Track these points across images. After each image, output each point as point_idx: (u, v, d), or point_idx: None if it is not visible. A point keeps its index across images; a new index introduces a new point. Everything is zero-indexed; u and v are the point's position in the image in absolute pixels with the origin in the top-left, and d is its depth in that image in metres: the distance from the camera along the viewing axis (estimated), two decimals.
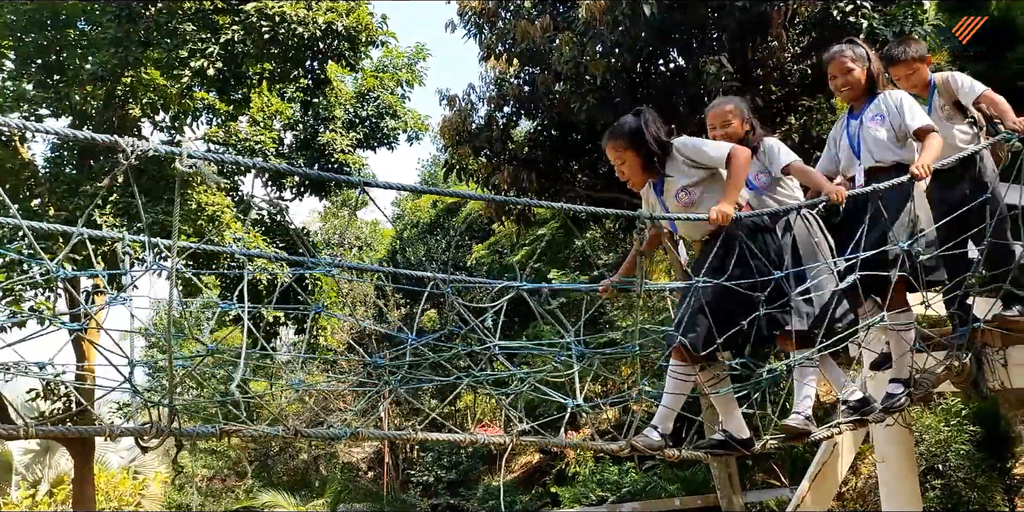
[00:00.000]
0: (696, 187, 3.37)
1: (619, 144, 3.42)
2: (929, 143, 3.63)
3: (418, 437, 2.49)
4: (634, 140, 3.38)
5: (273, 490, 17.65)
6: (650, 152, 3.38)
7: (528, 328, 15.82)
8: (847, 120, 3.92)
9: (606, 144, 3.48)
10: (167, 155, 1.94)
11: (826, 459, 5.20)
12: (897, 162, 3.71)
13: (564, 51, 8.95)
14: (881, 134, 3.74)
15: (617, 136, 3.43)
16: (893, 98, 3.77)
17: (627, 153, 3.40)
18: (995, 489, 8.28)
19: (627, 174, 3.47)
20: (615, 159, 3.47)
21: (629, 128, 3.40)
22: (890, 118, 3.73)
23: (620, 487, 11.92)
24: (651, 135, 3.36)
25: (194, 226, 10.50)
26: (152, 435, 1.98)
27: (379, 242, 24.31)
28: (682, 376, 3.28)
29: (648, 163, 3.41)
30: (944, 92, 4.09)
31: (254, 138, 12.92)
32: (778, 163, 3.63)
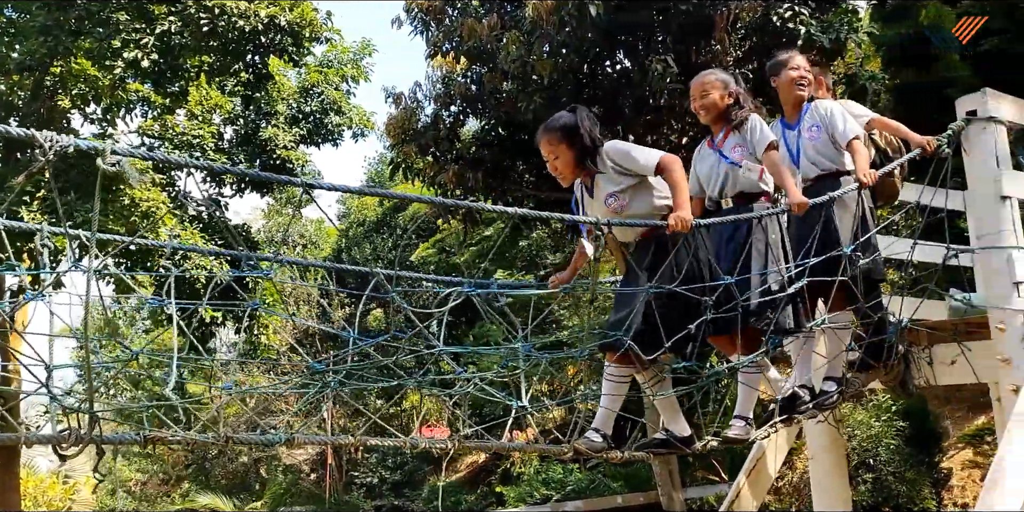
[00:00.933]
0: (624, 193, 3.37)
1: (553, 138, 3.42)
2: (859, 150, 3.73)
3: (358, 442, 2.44)
4: (569, 135, 3.38)
5: (211, 493, 17.28)
6: (584, 148, 3.38)
7: (475, 327, 15.79)
8: (782, 130, 4.00)
9: (540, 138, 3.48)
10: (88, 149, 1.87)
11: (760, 455, 5.30)
12: (837, 170, 3.83)
13: (511, 50, 8.94)
14: (820, 144, 3.85)
15: (552, 130, 3.43)
16: (824, 107, 3.87)
17: (561, 148, 3.40)
18: (923, 483, 8.54)
19: (559, 169, 3.46)
20: (548, 153, 3.46)
21: (564, 123, 3.41)
22: (824, 127, 3.83)
23: (565, 486, 11.98)
24: (586, 131, 3.37)
25: (127, 223, 10.18)
26: (71, 443, 1.90)
27: (324, 241, 23.99)
28: (618, 379, 3.30)
29: (581, 159, 3.40)
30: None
31: (192, 132, 12.60)
32: (761, 146, 3.58)
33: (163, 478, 19.85)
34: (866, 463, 8.51)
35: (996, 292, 3.81)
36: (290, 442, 2.26)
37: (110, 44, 10.14)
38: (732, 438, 3.50)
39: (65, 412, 1.93)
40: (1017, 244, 3.82)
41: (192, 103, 12.77)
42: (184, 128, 12.73)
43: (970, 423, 9.27)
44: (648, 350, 3.12)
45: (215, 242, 11.52)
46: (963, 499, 8.52)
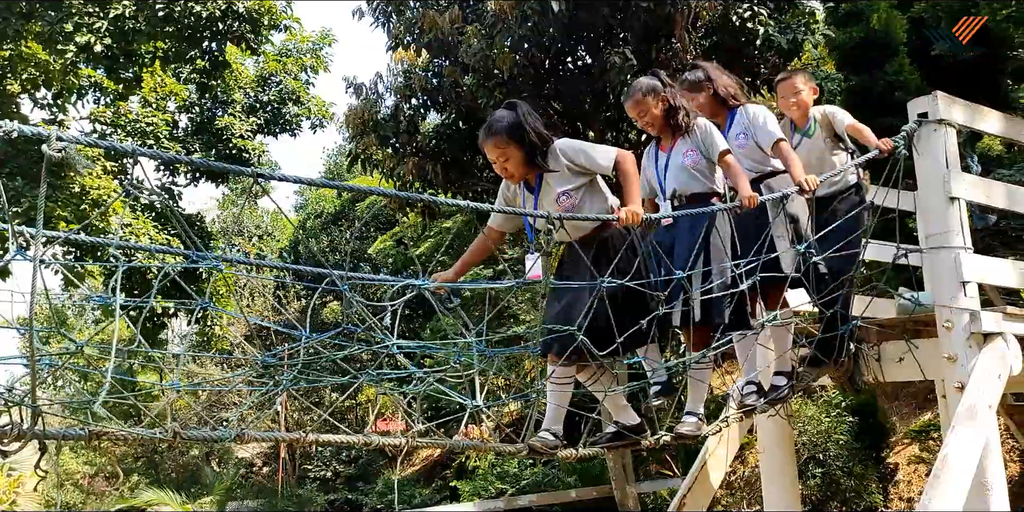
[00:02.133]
0: (577, 191, 3.34)
1: (501, 140, 3.30)
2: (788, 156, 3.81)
3: (309, 440, 2.41)
4: (515, 134, 3.29)
5: (158, 488, 16.97)
6: (532, 145, 3.30)
7: (432, 320, 15.73)
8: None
9: (485, 141, 3.35)
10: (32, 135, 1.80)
11: (712, 450, 5.37)
12: (770, 171, 3.94)
13: (472, 44, 8.91)
14: (748, 149, 3.92)
15: (497, 132, 3.31)
16: (750, 113, 3.94)
17: (510, 149, 3.30)
18: (870, 477, 8.73)
19: (511, 170, 3.36)
20: (498, 156, 3.33)
21: (509, 123, 3.31)
22: (751, 133, 3.91)
23: (520, 480, 12.00)
24: (531, 128, 3.29)
25: (76, 211, 9.93)
26: (12, 438, 1.83)
27: (281, 232, 23.69)
28: (562, 380, 3.30)
29: (531, 157, 3.32)
30: (824, 124, 4.35)
31: (145, 120, 12.35)
32: (715, 149, 3.62)
33: (111, 472, 19.46)
34: (815, 458, 8.67)
35: (943, 291, 3.90)
36: (240, 438, 2.22)
37: (62, 27, 9.86)
38: (684, 434, 3.53)
39: (7, 405, 1.87)
40: (964, 245, 3.91)
41: (146, 90, 12.52)
42: (137, 115, 12.46)
43: (917, 419, 9.49)
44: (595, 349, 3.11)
45: (167, 231, 11.31)
46: (909, 494, 8.73)
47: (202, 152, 13.11)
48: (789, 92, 4.35)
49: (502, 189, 3.59)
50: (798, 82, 4.36)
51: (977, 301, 3.90)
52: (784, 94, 4.37)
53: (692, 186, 3.66)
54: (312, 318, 11.69)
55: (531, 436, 3.21)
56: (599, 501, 11.21)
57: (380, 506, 14.46)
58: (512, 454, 3.08)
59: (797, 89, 4.34)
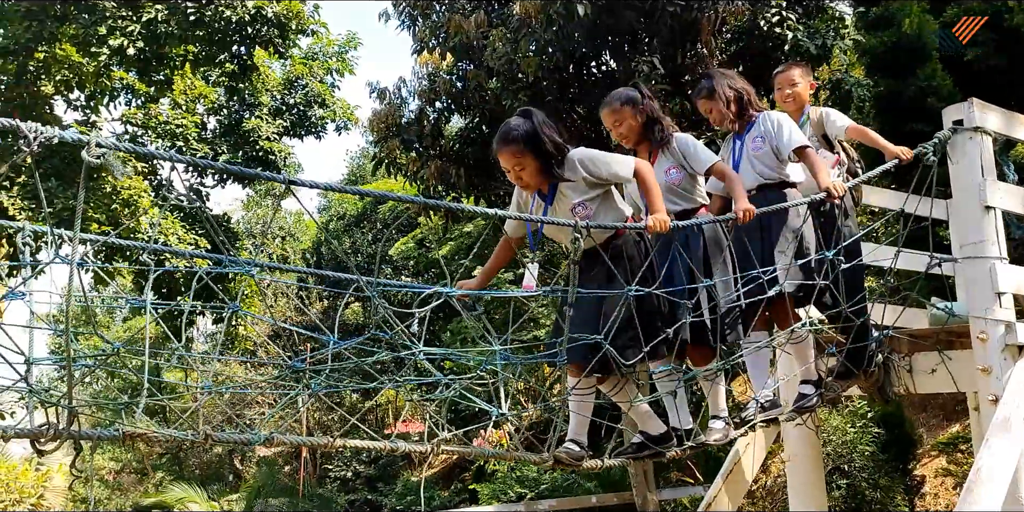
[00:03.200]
0: (592, 202, 3.30)
1: (516, 149, 3.23)
2: (814, 162, 3.76)
3: (337, 444, 2.42)
4: (532, 143, 3.22)
5: (185, 484, 17.14)
6: (548, 154, 3.23)
7: (451, 323, 15.76)
8: (733, 140, 4.05)
9: (500, 149, 3.29)
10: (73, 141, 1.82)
11: (738, 459, 5.32)
12: (781, 180, 3.86)
13: (497, 47, 8.92)
14: (763, 154, 3.87)
15: (513, 140, 3.24)
16: (771, 119, 3.89)
17: (526, 158, 3.23)
18: (896, 489, 8.61)
19: (526, 179, 3.30)
20: (514, 165, 3.27)
21: (525, 131, 3.23)
22: (768, 138, 3.86)
23: (539, 484, 11.98)
24: (547, 137, 3.23)
25: (108, 211, 10.06)
26: (49, 438, 1.86)
27: (303, 233, 23.85)
28: (583, 390, 3.28)
29: (547, 166, 3.25)
30: (815, 125, 4.28)
31: (175, 122, 12.49)
32: (701, 162, 3.61)
33: (137, 468, 19.68)
34: (840, 469, 8.58)
35: (977, 302, 3.84)
36: (270, 441, 2.23)
37: (96, 31, 10.00)
38: (714, 443, 3.51)
39: (44, 406, 1.89)
40: (1000, 255, 3.85)
41: (176, 92, 12.66)
42: (167, 117, 12.61)
43: (944, 431, 9.36)
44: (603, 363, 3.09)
45: (195, 232, 11.43)
46: (935, 506, 8.61)
47: (229, 154, 13.23)
48: (786, 84, 4.30)
49: (515, 197, 3.55)
50: (795, 75, 4.30)
51: (1012, 312, 3.84)
52: (780, 85, 4.32)
53: (679, 204, 3.65)
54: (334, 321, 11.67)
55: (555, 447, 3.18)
56: (620, 507, 11.15)
57: (400, 507, 14.49)
58: (537, 464, 3.06)
59: (794, 81, 4.28)
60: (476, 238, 16.39)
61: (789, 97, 4.28)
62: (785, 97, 4.30)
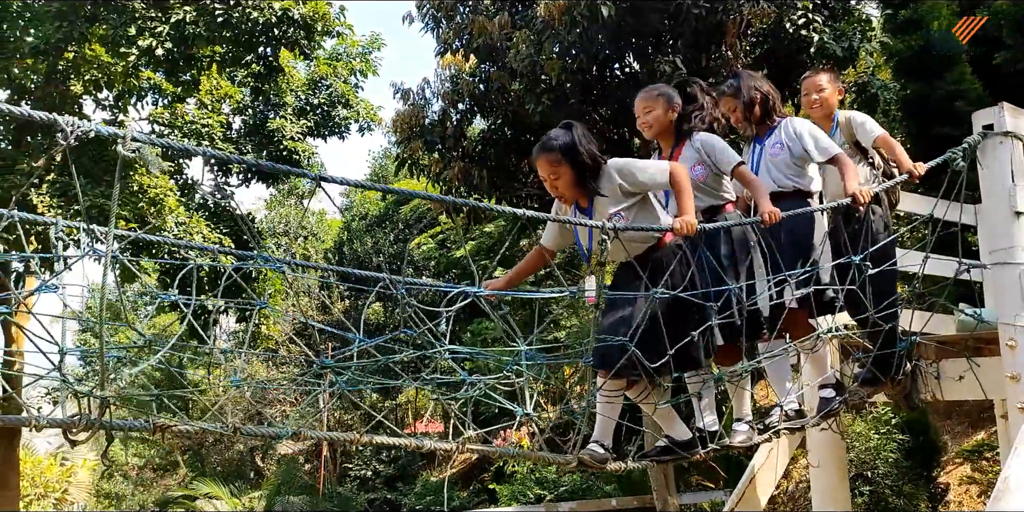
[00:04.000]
0: (629, 211, 3.31)
1: (553, 158, 3.28)
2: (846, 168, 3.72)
3: (363, 440, 2.43)
4: (569, 154, 3.26)
5: (209, 481, 17.30)
6: (584, 167, 3.27)
7: (472, 323, 15.79)
8: (753, 144, 4.01)
9: (538, 158, 3.33)
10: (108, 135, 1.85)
11: (762, 463, 5.29)
12: (797, 188, 3.81)
13: (521, 49, 8.93)
14: (780, 160, 3.83)
15: (551, 150, 3.29)
16: (795, 125, 3.85)
17: (562, 168, 3.27)
18: (920, 497, 8.52)
19: (561, 189, 3.34)
20: (549, 174, 3.31)
21: (564, 142, 3.28)
22: (791, 145, 3.81)
23: (558, 486, 11.98)
24: (584, 149, 3.27)
25: (135, 209, 10.18)
26: (81, 428, 1.88)
27: (326, 233, 24.00)
28: (611, 393, 3.27)
29: (582, 178, 3.29)
30: (845, 131, 4.21)
31: (201, 121, 12.62)
32: (726, 162, 3.59)
33: (160, 464, 19.88)
34: (864, 475, 8.50)
35: (1007, 308, 3.79)
36: (297, 436, 2.25)
37: (125, 31, 10.13)
38: (738, 445, 3.49)
39: (77, 397, 1.92)
40: None
41: (202, 92, 12.78)
42: (193, 117, 12.74)
43: (969, 439, 9.25)
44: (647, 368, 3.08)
45: (219, 230, 11.54)
46: None
47: (254, 153, 13.33)
48: (813, 89, 4.21)
49: (555, 209, 3.57)
50: (823, 80, 4.21)
51: None
52: (807, 91, 4.23)
53: (704, 201, 3.63)
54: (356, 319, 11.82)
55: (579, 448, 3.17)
56: (640, 510, 11.11)
57: (419, 507, 14.53)
58: (561, 465, 3.06)
59: (821, 86, 4.19)
60: (496, 238, 16.42)
61: (816, 103, 4.21)
62: (812, 103, 4.23)
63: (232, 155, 2.13)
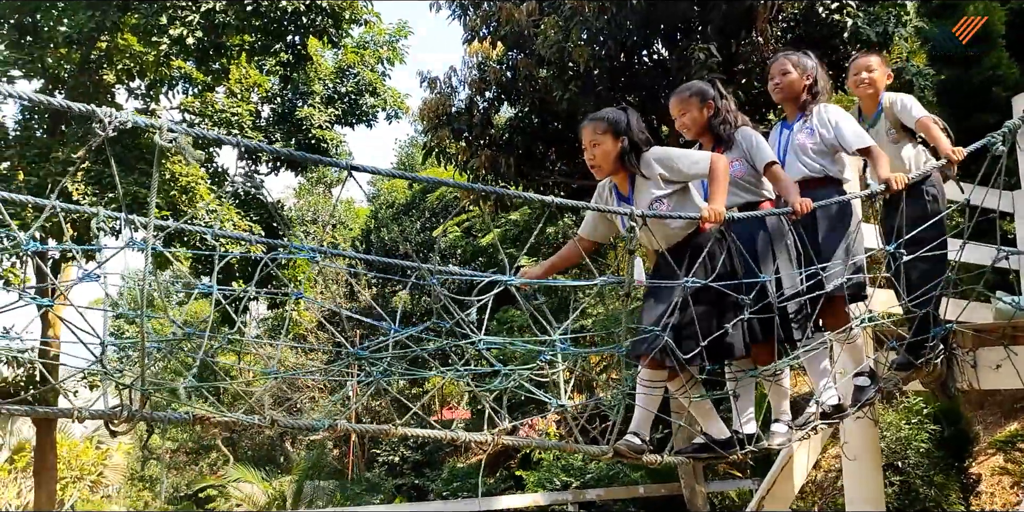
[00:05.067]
0: (669, 198, 3.31)
1: (600, 127, 3.32)
2: (880, 160, 3.67)
3: (397, 432, 2.45)
4: (615, 127, 3.30)
5: (240, 465, 17.57)
6: (631, 143, 3.30)
7: (499, 312, 15.82)
8: (780, 128, 3.96)
9: (586, 124, 3.37)
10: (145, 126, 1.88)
11: (792, 454, 5.26)
12: (827, 175, 3.76)
13: (548, 36, 8.87)
14: (809, 146, 3.77)
15: (599, 119, 3.34)
16: (827, 112, 3.80)
17: (606, 137, 3.31)
18: (952, 487, 8.43)
19: (598, 159, 3.35)
20: (591, 141, 3.34)
21: (615, 116, 3.33)
22: (823, 132, 3.75)
23: (584, 473, 12.00)
24: (634, 128, 3.30)
25: (167, 197, 10.32)
26: (123, 419, 1.92)
27: (353, 221, 24.13)
28: (651, 383, 3.26)
29: (624, 155, 3.31)
30: (890, 113, 4.15)
31: (231, 110, 12.72)
32: (760, 159, 3.58)
33: (192, 448, 20.21)
34: (894, 465, 8.42)
35: None
36: (333, 429, 2.27)
37: (157, 20, 10.23)
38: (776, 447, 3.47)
39: (117, 388, 1.95)
40: None
41: (232, 81, 12.87)
42: (223, 106, 12.84)
43: (1002, 429, 9.12)
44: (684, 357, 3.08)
45: (250, 218, 11.65)
46: (991, 505, 8.41)
47: (282, 141, 13.43)
48: (863, 68, 4.15)
49: (596, 195, 3.57)
50: (873, 61, 4.16)
51: None
52: (857, 71, 4.17)
53: (743, 197, 3.62)
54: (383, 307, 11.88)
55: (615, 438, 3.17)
56: (667, 498, 11.11)
57: (445, 493, 14.64)
58: (596, 456, 3.06)
59: (871, 67, 4.13)
60: (523, 227, 16.41)
61: (865, 82, 4.14)
62: (860, 82, 4.16)
63: (265, 145, 2.14)
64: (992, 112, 8.63)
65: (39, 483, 11.54)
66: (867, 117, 4.20)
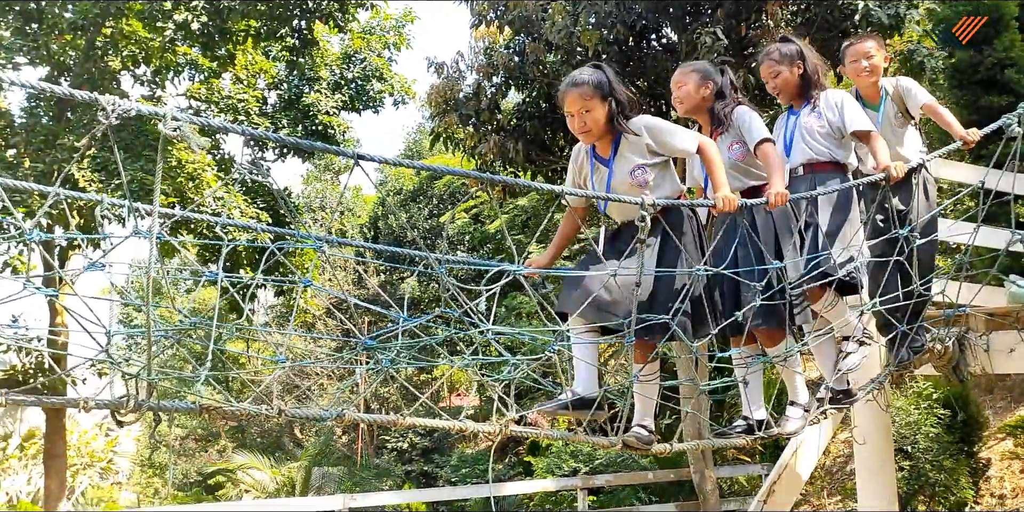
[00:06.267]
0: (653, 168, 3.21)
1: (586, 92, 3.17)
2: (877, 146, 3.60)
3: (405, 423, 2.43)
4: (601, 90, 3.17)
5: (247, 451, 17.67)
6: (619, 104, 3.18)
7: (507, 298, 15.81)
8: (787, 116, 3.90)
9: (568, 92, 3.20)
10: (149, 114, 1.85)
11: (803, 438, 5.25)
12: (835, 160, 3.69)
13: (556, 20, 8.80)
14: (816, 129, 3.70)
15: (582, 84, 3.18)
16: (832, 97, 3.74)
17: (594, 102, 3.17)
18: (961, 472, 8.41)
19: (589, 124, 3.20)
20: (580, 108, 3.18)
21: (597, 78, 3.19)
22: (829, 116, 3.69)
23: (593, 459, 12.03)
24: (618, 89, 3.19)
25: (174, 183, 10.31)
26: (129, 409, 1.91)
27: (361, 208, 24.11)
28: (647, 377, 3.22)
29: (612, 116, 3.18)
30: (896, 98, 4.08)
31: (237, 96, 12.67)
32: (752, 137, 3.49)
33: (202, 435, 20.34)
34: (903, 450, 8.41)
35: None
36: (341, 419, 2.26)
37: (161, 5, 10.18)
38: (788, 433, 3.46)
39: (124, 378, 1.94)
40: None
41: (238, 67, 12.81)
42: (229, 92, 12.79)
43: (1012, 413, 9.10)
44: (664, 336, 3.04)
45: (256, 205, 11.63)
46: (1001, 490, 8.40)
47: (289, 128, 13.37)
48: (862, 56, 4.08)
49: (571, 165, 3.46)
50: (871, 46, 4.09)
51: None
52: (855, 58, 4.10)
53: (743, 181, 3.57)
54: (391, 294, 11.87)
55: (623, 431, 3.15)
56: (676, 483, 11.14)
57: (454, 479, 14.70)
58: (605, 448, 3.05)
59: (870, 53, 4.06)
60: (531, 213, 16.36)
61: (866, 70, 4.08)
62: (861, 70, 4.09)
63: (272, 133, 2.12)
64: (1004, 94, 8.54)
65: (49, 470, 11.62)
66: (870, 102, 4.14)
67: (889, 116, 4.09)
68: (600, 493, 11.86)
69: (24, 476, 17.52)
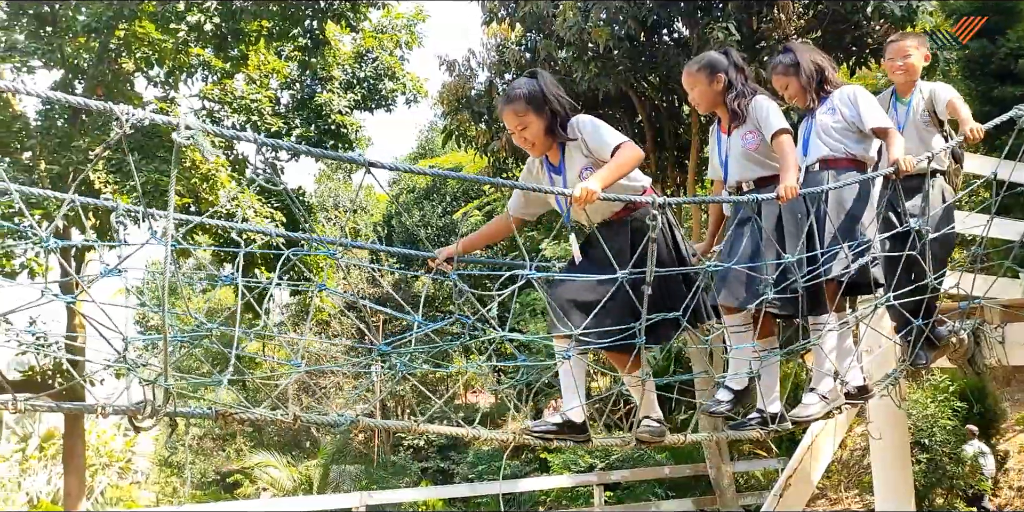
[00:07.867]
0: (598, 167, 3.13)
1: (518, 108, 3.13)
2: (893, 141, 3.57)
3: (421, 429, 2.45)
4: (534, 102, 3.12)
5: (264, 450, 17.77)
6: (554, 114, 3.14)
7: (520, 295, 15.80)
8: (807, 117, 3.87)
9: (503, 109, 3.19)
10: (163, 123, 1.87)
11: (820, 432, 5.24)
12: (853, 156, 3.66)
13: (568, 17, 8.78)
14: (831, 125, 3.68)
15: (515, 99, 3.14)
16: (847, 92, 3.71)
17: (528, 117, 3.13)
18: (978, 464, 8.38)
19: (530, 139, 3.18)
20: (516, 125, 3.16)
21: (528, 91, 3.14)
22: (844, 110, 3.66)
23: (609, 455, 12.03)
24: (553, 97, 3.13)
25: (188, 184, 10.38)
26: (146, 415, 1.93)
27: (374, 206, 24.16)
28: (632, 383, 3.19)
29: (552, 126, 3.16)
30: (928, 100, 4.09)
31: (250, 96, 12.73)
32: (769, 127, 3.45)
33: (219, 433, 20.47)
34: (920, 443, 8.38)
35: None
36: (356, 424, 2.27)
37: (174, 7, 10.24)
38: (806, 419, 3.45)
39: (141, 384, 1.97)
40: None
41: (251, 68, 12.86)
42: (243, 92, 12.85)
43: None
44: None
45: (271, 205, 11.68)
46: (1019, 482, 8.37)
47: (302, 127, 13.40)
48: (898, 54, 4.10)
49: (526, 171, 3.44)
50: (909, 45, 4.10)
51: None
52: (892, 56, 4.12)
53: (757, 171, 3.53)
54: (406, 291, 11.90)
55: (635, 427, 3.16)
56: (693, 479, 11.13)
57: (471, 476, 14.75)
58: (620, 447, 3.06)
59: (907, 52, 4.07)
60: None
61: (900, 68, 4.10)
62: (896, 68, 4.11)
63: (283, 142, 2.13)
64: (1017, 84, 8.48)
65: (68, 470, 11.75)
66: (902, 97, 4.15)
67: (916, 112, 4.10)
68: (617, 489, 11.87)
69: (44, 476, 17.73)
